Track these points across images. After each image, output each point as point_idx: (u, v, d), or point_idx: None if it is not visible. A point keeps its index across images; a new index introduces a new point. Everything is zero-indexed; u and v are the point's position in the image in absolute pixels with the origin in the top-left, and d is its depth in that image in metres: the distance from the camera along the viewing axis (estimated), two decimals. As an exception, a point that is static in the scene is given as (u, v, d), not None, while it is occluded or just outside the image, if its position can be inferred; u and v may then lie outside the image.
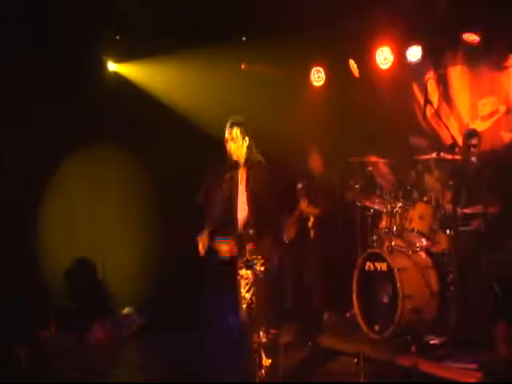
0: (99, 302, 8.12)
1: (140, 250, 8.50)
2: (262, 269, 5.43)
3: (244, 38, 8.64)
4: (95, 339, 7.63)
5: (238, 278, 5.58)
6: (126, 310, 8.17)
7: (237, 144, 5.52)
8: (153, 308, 8.04)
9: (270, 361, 5.47)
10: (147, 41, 8.25)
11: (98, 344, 7.56)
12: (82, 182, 8.17)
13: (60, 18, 7.51)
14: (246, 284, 5.53)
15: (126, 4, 7.68)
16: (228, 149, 5.55)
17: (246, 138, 5.53)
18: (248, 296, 5.52)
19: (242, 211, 5.56)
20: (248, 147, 5.55)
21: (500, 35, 7.16)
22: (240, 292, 5.56)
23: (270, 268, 5.48)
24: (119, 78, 8.62)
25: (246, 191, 5.52)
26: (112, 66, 8.65)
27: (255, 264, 5.46)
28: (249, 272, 5.51)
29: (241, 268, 5.56)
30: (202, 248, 5.49)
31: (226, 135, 5.54)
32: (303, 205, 7.63)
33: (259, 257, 5.45)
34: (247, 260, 5.52)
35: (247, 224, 5.51)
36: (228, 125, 5.55)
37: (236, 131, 5.52)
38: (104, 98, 8.20)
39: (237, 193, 5.60)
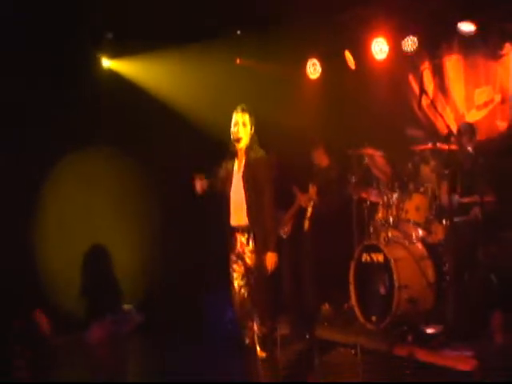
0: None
1: (139, 247, 8.45)
2: (255, 261, 5.40)
3: (239, 32, 8.62)
4: (95, 338, 7.56)
5: (231, 270, 5.56)
6: (126, 307, 8.12)
7: (246, 129, 5.46)
8: (151, 305, 8.00)
9: (265, 354, 5.42)
10: (141, 37, 8.21)
11: (99, 343, 7.49)
12: (79, 180, 8.10)
13: (53, 17, 7.48)
14: (239, 276, 5.51)
15: (119, 1, 7.65)
16: (235, 133, 5.47)
17: (252, 127, 5.50)
18: (241, 289, 5.49)
19: (237, 202, 5.49)
20: (251, 137, 5.50)
21: (495, 24, 7.13)
22: (233, 285, 5.54)
23: (263, 261, 5.40)
24: (114, 75, 8.60)
25: (244, 184, 5.46)
26: (106, 63, 8.63)
27: (247, 257, 5.44)
28: (241, 264, 5.49)
29: (233, 261, 5.54)
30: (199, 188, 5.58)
31: (236, 119, 5.48)
32: (311, 191, 7.58)
33: (251, 249, 5.42)
34: (239, 253, 5.50)
35: (242, 217, 5.47)
36: (239, 109, 5.49)
37: (246, 117, 5.47)
38: (99, 95, 8.17)
39: (231, 182, 5.55)
